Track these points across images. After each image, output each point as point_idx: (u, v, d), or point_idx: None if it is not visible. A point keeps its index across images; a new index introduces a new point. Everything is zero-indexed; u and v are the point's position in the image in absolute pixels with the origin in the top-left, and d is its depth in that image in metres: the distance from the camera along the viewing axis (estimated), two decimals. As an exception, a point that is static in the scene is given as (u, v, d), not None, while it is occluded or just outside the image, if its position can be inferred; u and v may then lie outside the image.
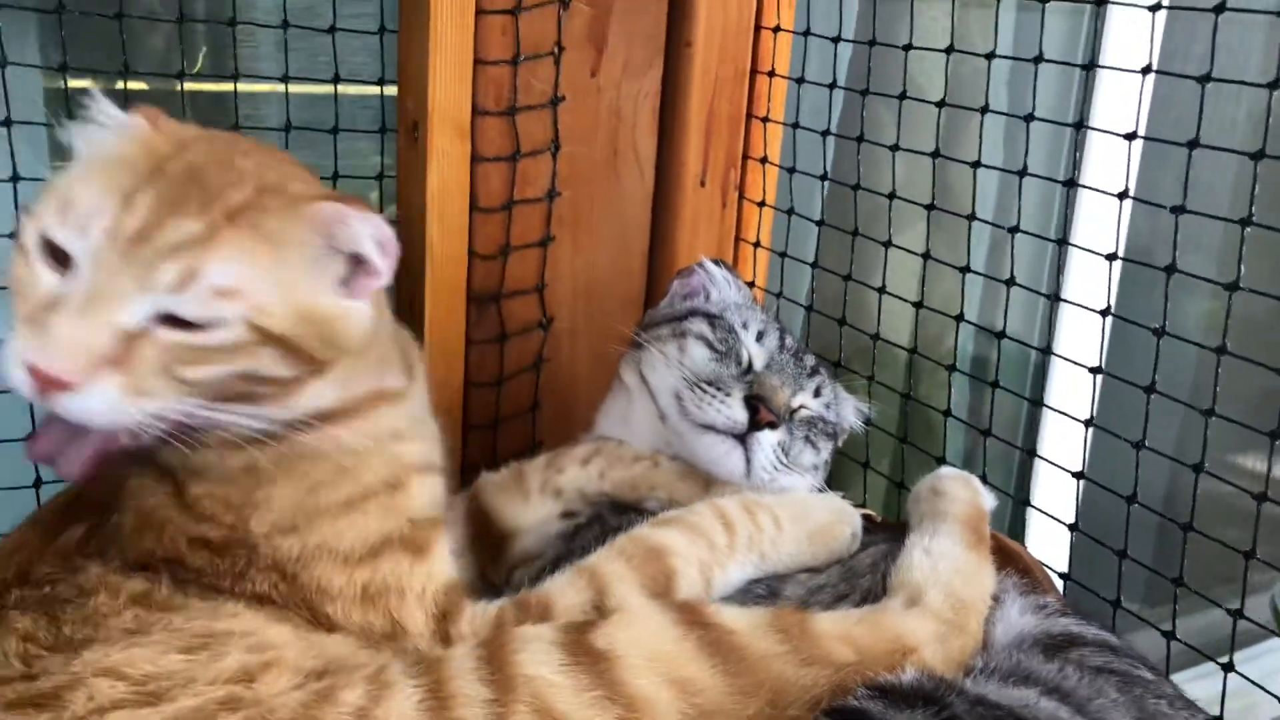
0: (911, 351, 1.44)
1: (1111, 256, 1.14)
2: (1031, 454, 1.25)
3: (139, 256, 0.69)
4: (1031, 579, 0.98)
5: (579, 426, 1.25)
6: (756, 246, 1.50)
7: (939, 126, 1.32)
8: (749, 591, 0.96)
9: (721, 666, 0.74)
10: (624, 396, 1.19)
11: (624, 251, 1.45)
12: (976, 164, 1.26)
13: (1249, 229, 1.00)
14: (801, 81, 1.46)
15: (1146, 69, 1.11)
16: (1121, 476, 1.13)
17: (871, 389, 1.35)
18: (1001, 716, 0.70)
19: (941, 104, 1.29)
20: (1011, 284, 1.26)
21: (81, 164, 0.76)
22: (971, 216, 1.28)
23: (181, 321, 0.70)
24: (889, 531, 1.04)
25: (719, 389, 1.08)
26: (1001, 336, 1.26)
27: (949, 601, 0.87)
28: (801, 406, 1.14)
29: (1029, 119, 1.22)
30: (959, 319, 1.30)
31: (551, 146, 1.34)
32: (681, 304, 1.26)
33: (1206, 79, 1.02)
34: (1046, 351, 1.31)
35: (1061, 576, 1.17)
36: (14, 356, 0.68)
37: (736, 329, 1.16)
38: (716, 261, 1.29)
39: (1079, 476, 1.20)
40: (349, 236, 0.77)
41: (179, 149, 0.75)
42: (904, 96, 1.33)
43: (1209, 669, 1.04)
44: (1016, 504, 1.56)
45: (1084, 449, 1.21)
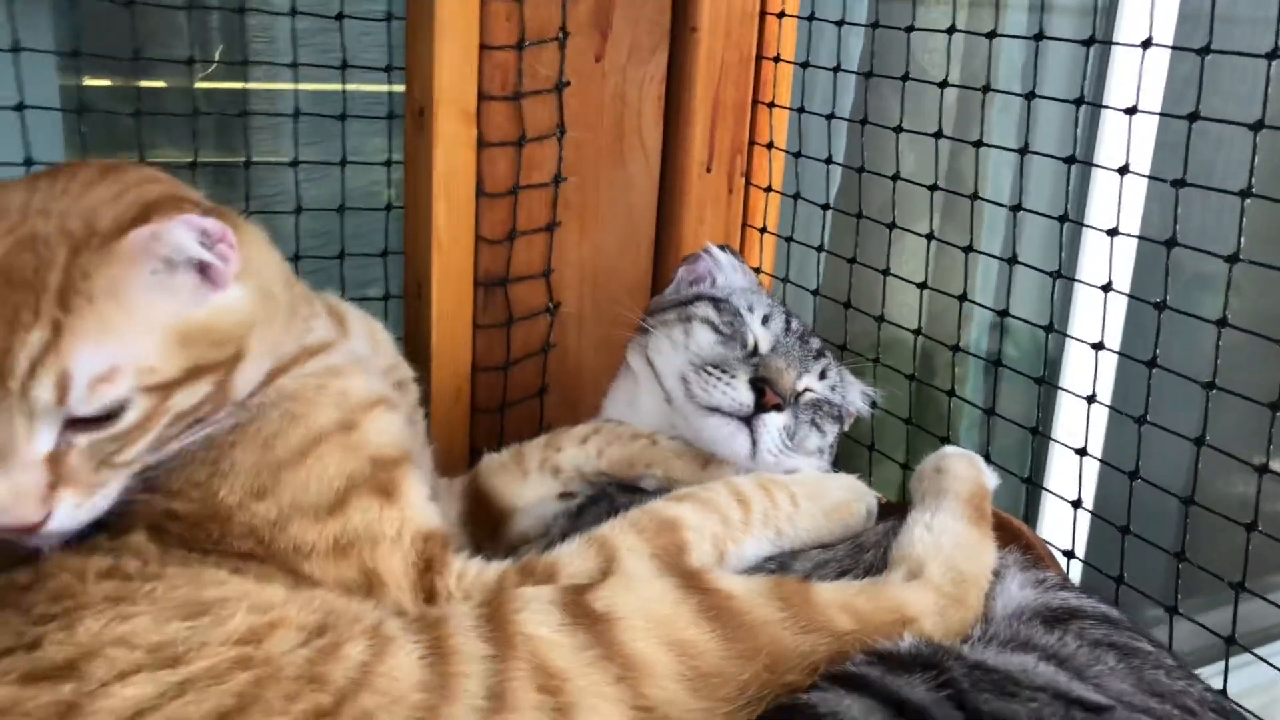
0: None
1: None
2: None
3: (10, 394, 0.70)
4: (1033, 554, 0.98)
5: (585, 411, 1.26)
6: (763, 232, 1.51)
7: (939, 113, 1.31)
8: (760, 566, 0.96)
9: (720, 631, 0.75)
10: (630, 381, 1.20)
11: (630, 237, 1.46)
12: (978, 143, 1.26)
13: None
14: (806, 66, 1.46)
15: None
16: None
17: (877, 373, 1.35)
18: (999, 680, 0.70)
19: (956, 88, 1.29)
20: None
21: None
22: (977, 200, 1.27)
23: (90, 420, 0.72)
24: (897, 513, 1.05)
25: (724, 372, 1.09)
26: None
27: (949, 575, 0.87)
28: (807, 389, 1.15)
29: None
30: (959, 300, 1.29)
31: (557, 131, 1.35)
32: (688, 289, 1.27)
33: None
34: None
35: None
36: None
37: (742, 312, 1.17)
38: (722, 247, 1.30)
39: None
40: (170, 250, 0.76)
41: None
42: (906, 78, 1.33)
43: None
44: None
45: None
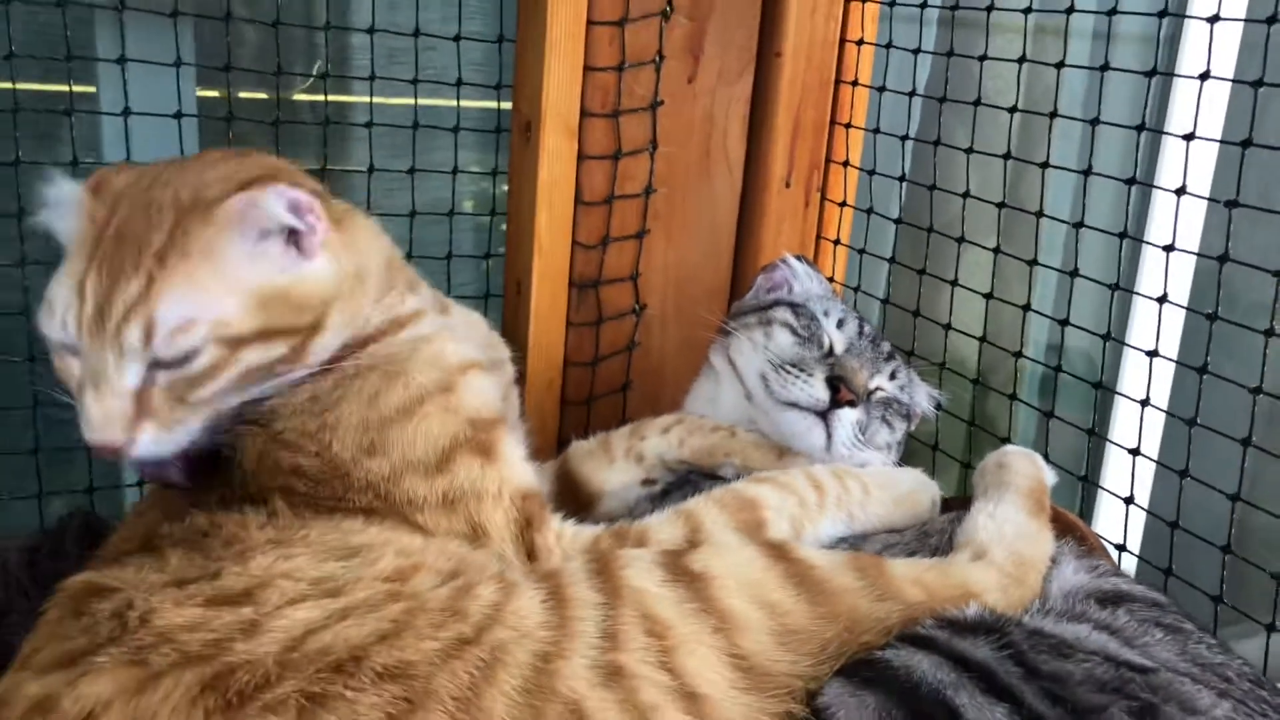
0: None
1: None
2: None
3: (106, 333, 0.81)
4: (1087, 545, 1.05)
5: (665, 406, 1.34)
6: (836, 244, 1.59)
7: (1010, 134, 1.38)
8: (833, 547, 1.04)
9: (805, 595, 0.83)
10: (712, 379, 1.29)
11: (713, 246, 1.54)
12: (1045, 164, 1.33)
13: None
14: (883, 90, 1.54)
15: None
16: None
17: (942, 377, 1.43)
18: (1056, 644, 0.78)
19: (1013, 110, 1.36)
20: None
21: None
22: (1041, 217, 1.34)
23: (168, 363, 0.82)
24: (959, 506, 1.13)
25: (802, 370, 1.17)
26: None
27: (1011, 558, 0.94)
28: (878, 388, 1.23)
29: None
30: (1023, 309, 1.35)
31: (650, 147, 1.45)
32: (766, 295, 1.36)
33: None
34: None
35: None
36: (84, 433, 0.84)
37: (818, 316, 1.25)
38: (798, 257, 1.38)
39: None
40: (264, 216, 0.85)
41: (112, 210, 0.85)
42: (979, 103, 1.40)
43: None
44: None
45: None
